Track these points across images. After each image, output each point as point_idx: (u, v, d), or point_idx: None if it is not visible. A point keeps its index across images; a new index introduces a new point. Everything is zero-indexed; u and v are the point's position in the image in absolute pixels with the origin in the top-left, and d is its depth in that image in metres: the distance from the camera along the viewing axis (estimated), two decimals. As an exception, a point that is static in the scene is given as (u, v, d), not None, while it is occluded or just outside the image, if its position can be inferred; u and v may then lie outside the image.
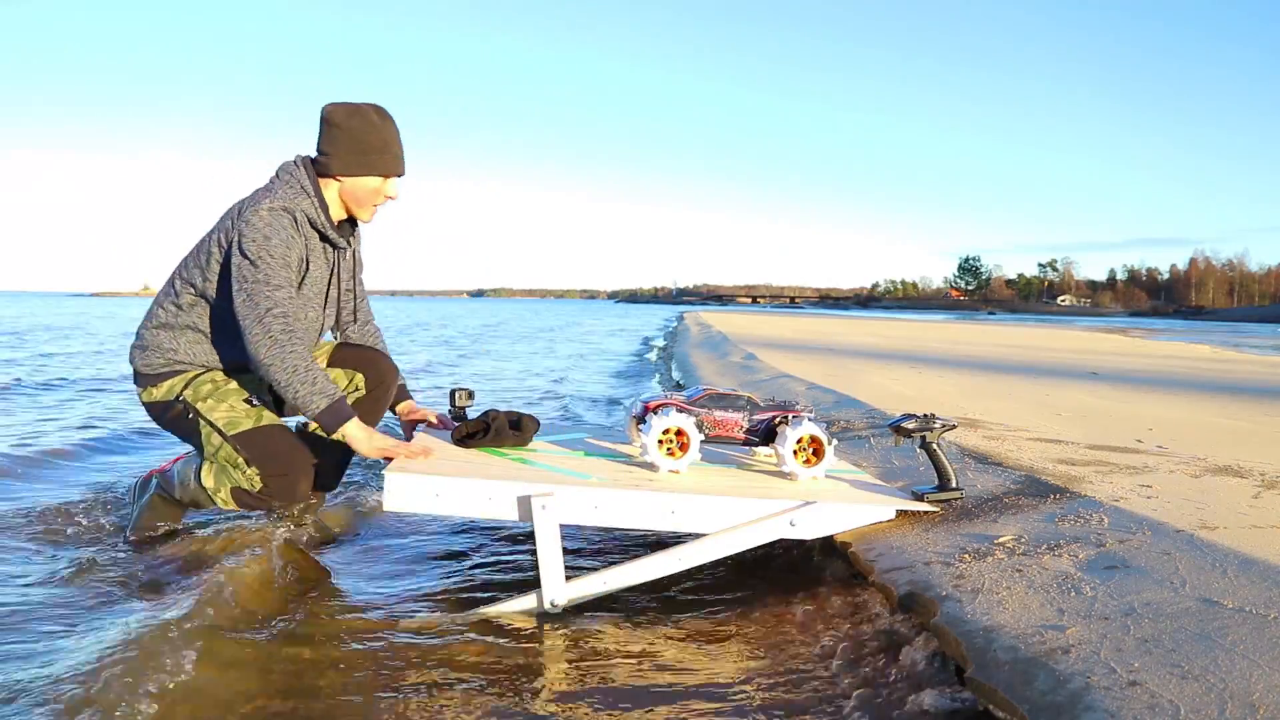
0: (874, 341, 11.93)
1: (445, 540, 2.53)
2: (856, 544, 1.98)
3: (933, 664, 1.55)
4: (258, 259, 2.11)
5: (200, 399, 2.25)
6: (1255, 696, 1.14)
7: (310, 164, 2.26)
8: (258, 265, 2.10)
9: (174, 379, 2.28)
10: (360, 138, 2.23)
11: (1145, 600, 1.48)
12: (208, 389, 2.26)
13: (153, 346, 2.28)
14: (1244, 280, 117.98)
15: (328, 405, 2.11)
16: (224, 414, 2.23)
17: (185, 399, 2.26)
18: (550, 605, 1.88)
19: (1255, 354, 12.32)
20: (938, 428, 2.15)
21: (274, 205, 2.16)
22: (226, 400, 2.25)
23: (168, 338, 2.27)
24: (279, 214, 2.15)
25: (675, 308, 72.30)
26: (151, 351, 2.28)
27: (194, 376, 2.28)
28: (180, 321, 2.27)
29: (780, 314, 38.03)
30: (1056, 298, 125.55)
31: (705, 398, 2.21)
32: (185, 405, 2.26)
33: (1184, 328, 37.64)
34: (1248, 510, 2.01)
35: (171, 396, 2.27)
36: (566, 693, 1.55)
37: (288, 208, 2.17)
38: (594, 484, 1.97)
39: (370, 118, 2.24)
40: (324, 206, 2.26)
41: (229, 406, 2.24)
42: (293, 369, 2.09)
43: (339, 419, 2.12)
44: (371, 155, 2.24)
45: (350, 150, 2.23)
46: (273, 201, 2.16)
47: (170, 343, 2.27)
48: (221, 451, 2.22)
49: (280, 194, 2.19)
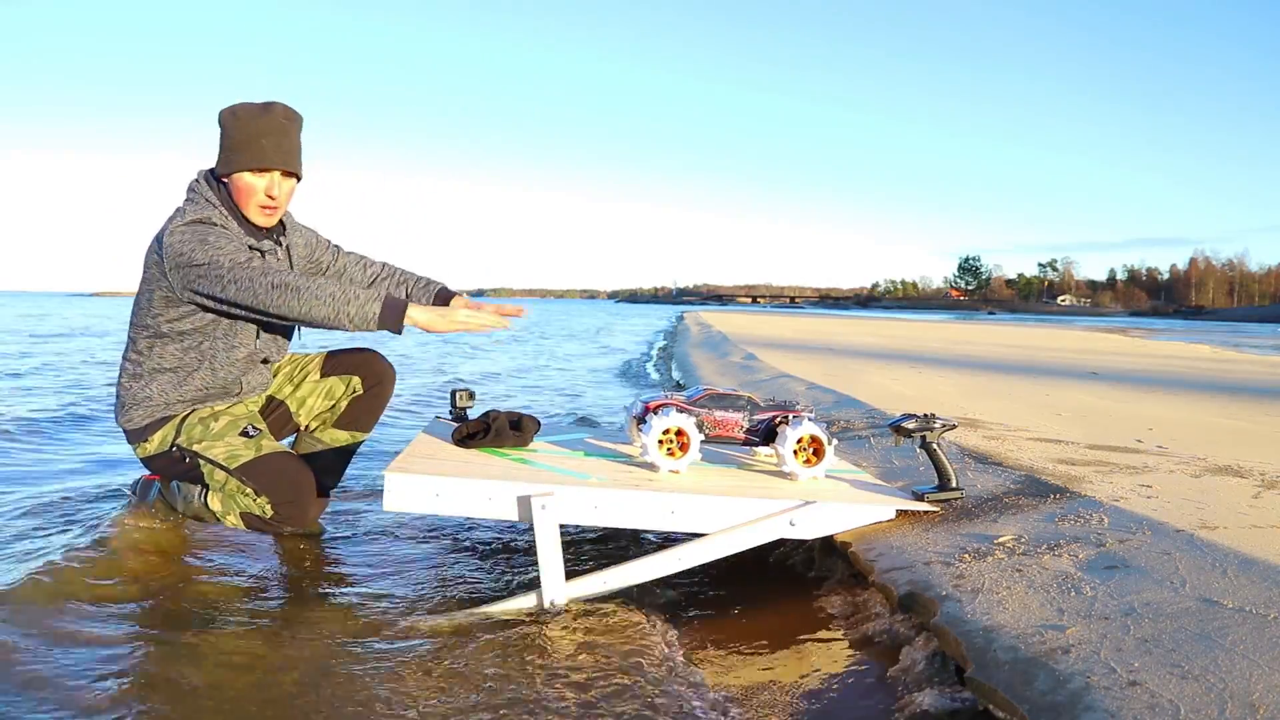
0: (874, 341, 11.93)
1: (444, 540, 2.53)
2: (856, 544, 1.98)
3: (933, 664, 1.55)
4: (210, 258, 2.06)
5: (195, 442, 2.23)
6: (1255, 696, 1.14)
7: (210, 174, 2.23)
8: (214, 262, 2.06)
9: (163, 429, 2.26)
10: (229, 134, 2.16)
11: (1145, 600, 1.48)
12: (199, 430, 2.24)
13: (129, 402, 2.26)
14: (1244, 280, 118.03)
15: (381, 309, 2.04)
16: (222, 450, 2.21)
17: (180, 445, 2.24)
18: (550, 605, 1.88)
19: (1255, 354, 12.32)
20: (938, 427, 2.15)
21: (186, 222, 2.12)
22: (223, 437, 2.23)
23: (139, 388, 2.25)
24: (194, 225, 2.12)
25: (675, 307, 72.32)
26: (129, 407, 2.26)
27: (180, 420, 2.26)
28: (146, 368, 2.25)
29: (780, 314, 38.03)
30: (1056, 298, 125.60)
31: (705, 398, 2.21)
32: (181, 451, 2.24)
33: (1184, 328, 37.64)
34: (1248, 510, 2.01)
35: (166, 448, 2.26)
36: (566, 693, 1.55)
37: (200, 219, 2.14)
38: (594, 484, 1.97)
39: (244, 112, 2.17)
40: (232, 211, 2.20)
41: (226, 443, 2.22)
42: (328, 299, 2.03)
43: (398, 314, 2.05)
44: (240, 150, 2.16)
45: (225, 149, 2.17)
46: (181, 221, 2.13)
47: (143, 392, 2.25)
48: (229, 485, 2.21)
49: (188, 212, 2.15)
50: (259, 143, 2.15)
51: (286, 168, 2.19)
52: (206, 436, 2.22)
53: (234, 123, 2.16)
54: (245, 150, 2.15)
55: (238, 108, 2.18)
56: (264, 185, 2.18)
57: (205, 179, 2.22)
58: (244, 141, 2.15)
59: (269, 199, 2.19)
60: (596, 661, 1.68)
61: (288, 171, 2.21)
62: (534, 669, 1.65)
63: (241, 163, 2.15)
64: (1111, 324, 42.00)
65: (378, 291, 2.09)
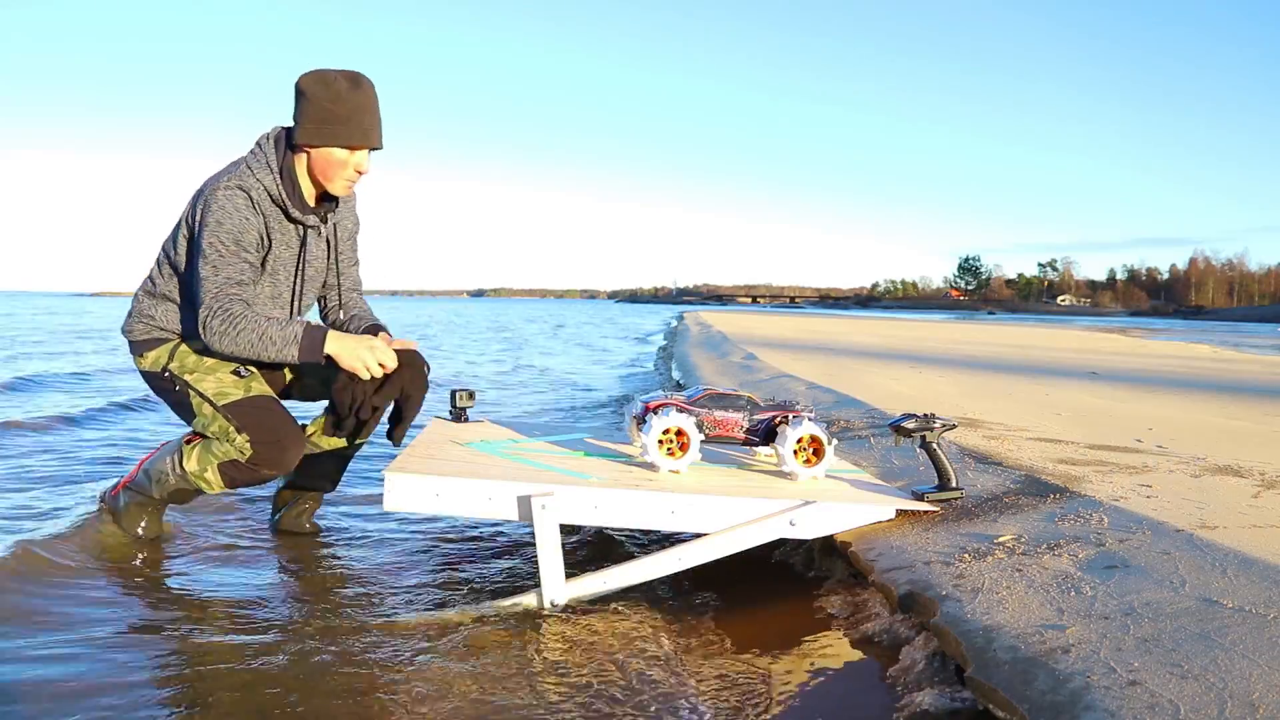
0: (874, 341, 11.93)
1: (444, 540, 2.53)
2: (856, 543, 1.98)
3: (932, 664, 1.55)
4: (209, 246, 2.09)
5: (187, 371, 2.24)
6: (1255, 696, 1.14)
7: (284, 136, 2.21)
8: (207, 255, 2.09)
9: (159, 349, 2.28)
10: (324, 107, 2.14)
11: (1145, 600, 1.48)
12: (192, 361, 2.26)
13: (137, 313, 2.30)
14: (1244, 280, 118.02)
15: (300, 346, 2.08)
16: (212, 385, 2.23)
17: (172, 371, 2.26)
18: (550, 605, 1.88)
19: (1255, 354, 12.32)
20: (938, 427, 2.15)
21: (230, 184, 2.13)
22: (214, 373, 2.24)
23: (149, 304, 2.29)
24: (234, 193, 2.12)
25: (675, 307, 72.32)
26: (135, 318, 2.30)
27: (175, 346, 2.28)
28: (159, 290, 2.28)
29: (780, 314, 38.03)
30: (1056, 298, 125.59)
31: (705, 398, 2.21)
32: (172, 377, 2.26)
33: (1184, 328, 37.64)
34: (1247, 510, 2.01)
35: (158, 368, 2.28)
36: (566, 693, 1.55)
37: (244, 185, 2.13)
38: (594, 484, 1.98)
39: (337, 86, 2.15)
40: (292, 181, 2.20)
41: (217, 379, 2.23)
42: (249, 339, 2.06)
43: (316, 345, 2.09)
44: (335, 125, 2.15)
45: (314, 120, 2.15)
46: (230, 180, 2.13)
47: (150, 310, 2.28)
48: (214, 424, 2.21)
49: (241, 170, 2.15)
50: (358, 120, 2.15)
51: (379, 145, 2.22)
52: (199, 369, 2.24)
53: (326, 94, 2.14)
54: (343, 126, 2.14)
55: (328, 77, 2.15)
56: (355, 162, 2.19)
57: (276, 138, 2.21)
58: (341, 117, 2.13)
59: (357, 175, 2.23)
60: (596, 661, 1.68)
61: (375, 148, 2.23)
62: (534, 668, 1.65)
63: (338, 138, 2.15)
64: (1111, 324, 42.00)
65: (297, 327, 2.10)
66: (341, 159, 2.18)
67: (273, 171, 2.17)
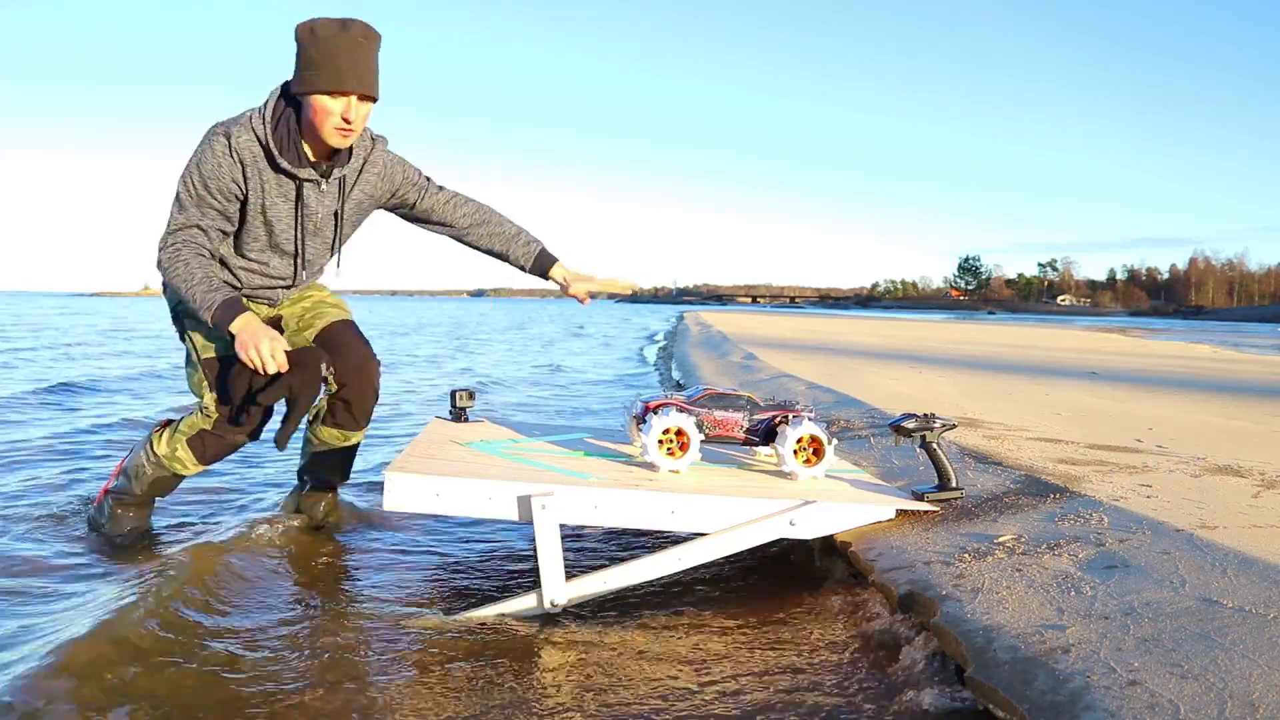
0: (874, 341, 11.93)
1: (445, 540, 2.53)
2: (856, 543, 1.98)
3: (932, 664, 1.55)
4: (180, 186, 2.11)
5: (189, 314, 2.26)
6: (1255, 696, 1.14)
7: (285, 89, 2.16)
8: (178, 194, 2.11)
9: None
10: (306, 52, 2.05)
11: (1145, 600, 1.48)
12: None
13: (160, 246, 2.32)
14: (1244, 280, 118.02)
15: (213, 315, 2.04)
16: (201, 338, 2.25)
17: (179, 313, 2.30)
18: (550, 605, 1.88)
19: (1255, 354, 12.32)
20: (938, 427, 2.15)
21: (218, 130, 2.11)
22: None
23: None
24: (217, 139, 2.10)
25: (675, 307, 72.33)
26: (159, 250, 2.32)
27: None
28: None
29: (780, 314, 38.04)
30: (1056, 297, 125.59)
31: (705, 397, 2.21)
32: (177, 316, 2.31)
33: (1184, 328, 37.65)
34: (1247, 510, 2.01)
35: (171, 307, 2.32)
36: (566, 693, 1.55)
37: (229, 132, 2.10)
38: (594, 484, 1.98)
39: (324, 30, 2.06)
40: (288, 132, 2.14)
41: (207, 330, 2.24)
42: (179, 288, 2.08)
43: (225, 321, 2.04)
44: (314, 70, 2.04)
45: (299, 66, 2.08)
46: (221, 125, 2.12)
47: None
48: (194, 376, 2.27)
49: (238, 117, 2.13)
50: (335, 64, 2.04)
51: (363, 91, 2.10)
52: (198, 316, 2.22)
53: (311, 39, 2.06)
54: (321, 71, 2.04)
55: (316, 24, 2.07)
56: (340, 109, 2.07)
57: (280, 95, 2.15)
58: (320, 61, 2.04)
59: (345, 123, 2.10)
60: (596, 661, 1.68)
61: (364, 95, 2.12)
62: (534, 669, 1.65)
63: (318, 84, 2.05)
64: (1111, 324, 42.00)
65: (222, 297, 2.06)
66: (326, 106, 2.07)
67: (265, 121, 2.11)
